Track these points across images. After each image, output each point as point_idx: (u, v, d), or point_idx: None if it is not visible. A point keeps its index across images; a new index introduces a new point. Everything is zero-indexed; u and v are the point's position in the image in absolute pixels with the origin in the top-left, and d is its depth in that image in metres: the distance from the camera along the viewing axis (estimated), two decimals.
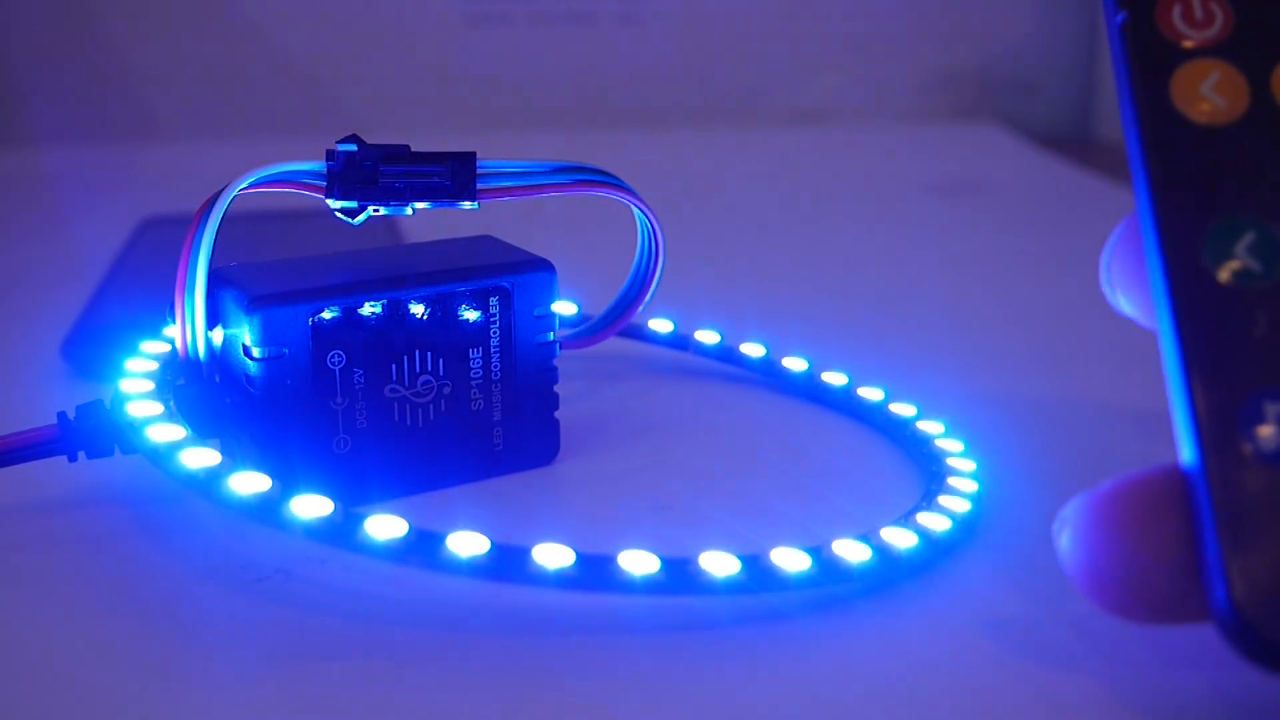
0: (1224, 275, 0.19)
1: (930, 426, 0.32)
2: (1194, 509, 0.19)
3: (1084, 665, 0.23)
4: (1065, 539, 0.21)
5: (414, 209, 0.29)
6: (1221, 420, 0.18)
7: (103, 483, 0.30)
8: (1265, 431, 0.18)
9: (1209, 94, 0.20)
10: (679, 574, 0.24)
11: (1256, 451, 0.18)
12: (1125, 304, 0.22)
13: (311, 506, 0.24)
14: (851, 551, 0.25)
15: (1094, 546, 0.20)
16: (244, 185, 0.28)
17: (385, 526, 0.24)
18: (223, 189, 0.28)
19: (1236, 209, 0.19)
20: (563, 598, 0.25)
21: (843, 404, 0.35)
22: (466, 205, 0.29)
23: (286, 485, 0.25)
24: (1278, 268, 0.19)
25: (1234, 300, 0.19)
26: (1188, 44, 0.20)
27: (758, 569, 0.24)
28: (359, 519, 0.24)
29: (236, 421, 0.29)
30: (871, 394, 0.35)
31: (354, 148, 0.29)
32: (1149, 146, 0.20)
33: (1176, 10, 0.21)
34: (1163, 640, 0.23)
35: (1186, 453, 0.19)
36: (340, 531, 0.24)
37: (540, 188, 0.29)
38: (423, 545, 0.24)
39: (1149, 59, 0.20)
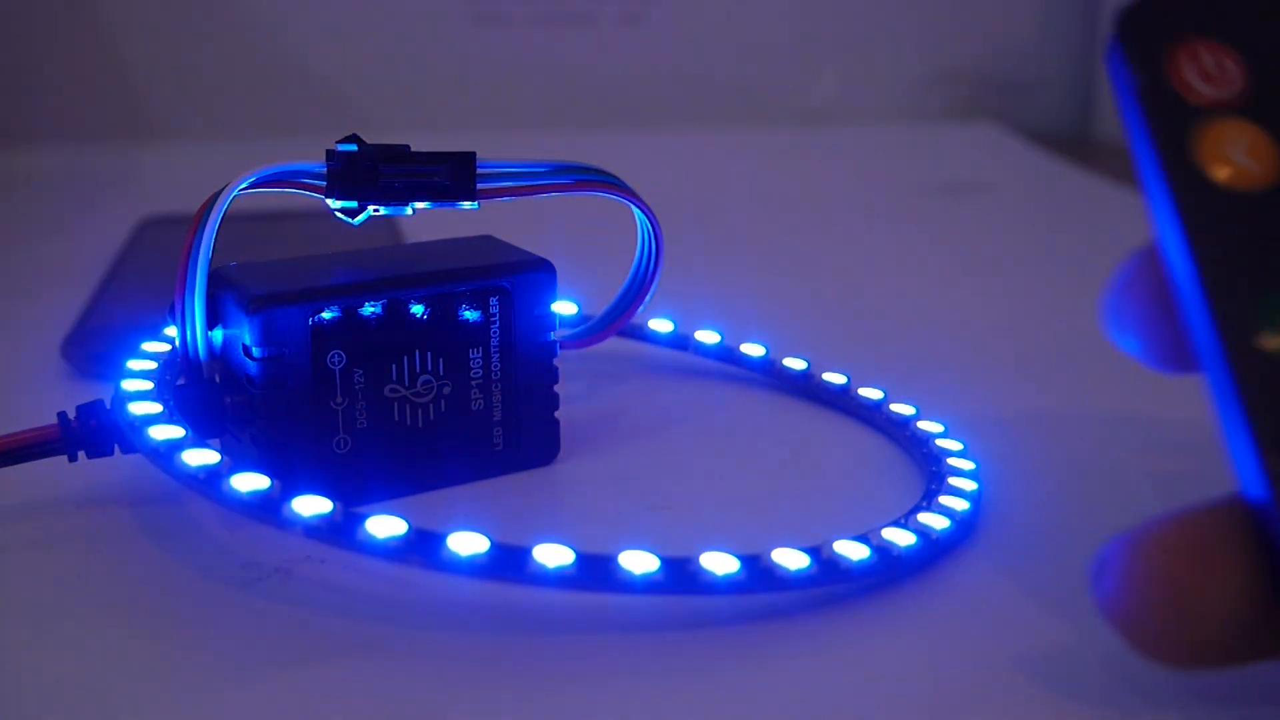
0: None
1: (930, 426, 0.32)
2: (1272, 542, 0.17)
3: (1083, 665, 0.23)
4: (1108, 584, 0.19)
5: (414, 209, 0.29)
6: None
7: (103, 483, 0.30)
8: None
9: (1238, 158, 0.19)
10: (679, 574, 0.24)
11: None
12: (1133, 347, 0.21)
13: (311, 506, 0.24)
14: (851, 551, 0.25)
15: (1144, 593, 0.19)
16: (244, 185, 0.28)
17: (385, 526, 0.24)
18: (223, 189, 0.28)
19: None
20: (563, 598, 0.25)
21: (843, 404, 0.35)
22: (466, 205, 0.29)
23: (286, 485, 0.25)
24: None
25: None
26: (1205, 103, 0.19)
27: (758, 569, 0.24)
28: (359, 519, 0.24)
29: (236, 421, 0.29)
30: (871, 394, 0.35)
31: (354, 148, 0.29)
32: (1186, 218, 0.18)
33: (1188, 67, 0.19)
34: None
35: (1255, 490, 0.17)
36: (340, 531, 0.24)
37: (540, 188, 0.29)
38: (423, 545, 0.24)
39: (1168, 121, 0.19)
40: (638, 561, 0.24)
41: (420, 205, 0.29)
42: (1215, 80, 0.19)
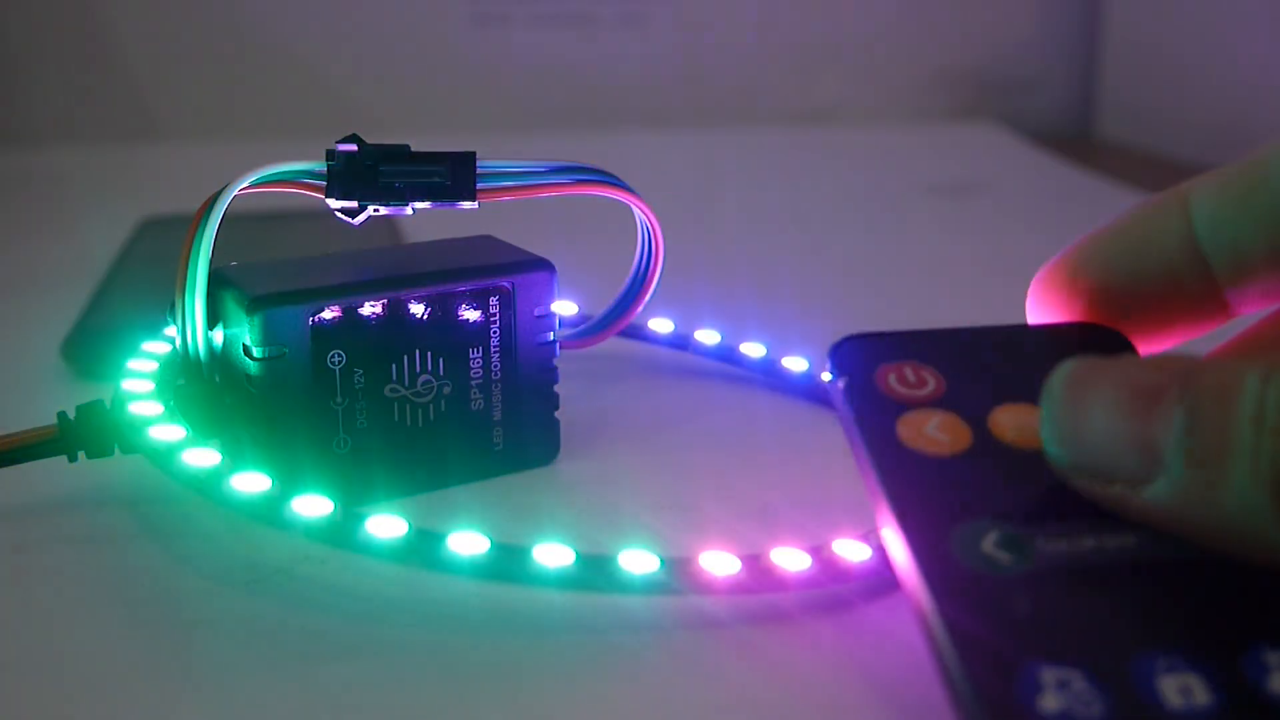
0: (974, 565, 0.20)
1: None
2: None
3: None
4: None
5: (414, 209, 0.29)
6: (1002, 695, 0.18)
7: (103, 483, 0.30)
8: (1049, 702, 0.18)
9: (933, 433, 0.23)
10: (679, 574, 0.24)
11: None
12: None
13: (312, 506, 0.24)
14: (851, 551, 0.25)
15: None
16: (244, 185, 0.28)
17: (385, 526, 0.24)
18: (223, 189, 0.28)
19: (976, 515, 0.21)
20: (563, 598, 0.25)
21: None
22: (466, 205, 0.29)
23: (287, 485, 0.25)
24: (1026, 556, 0.20)
25: (989, 587, 0.20)
26: (904, 400, 0.23)
27: (757, 569, 0.24)
28: (359, 519, 0.24)
29: (236, 421, 0.29)
30: None
31: (354, 148, 0.29)
32: (885, 477, 0.22)
33: (891, 377, 0.24)
34: None
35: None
36: (340, 531, 0.24)
37: (540, 188, 0.30)
38: (423, 545, 0.24)
39: (874, 411, 0.23)
40: (638, 561, 0.24)
41: (420, 205, 0.29)
42: (914, 386, 0.24)
